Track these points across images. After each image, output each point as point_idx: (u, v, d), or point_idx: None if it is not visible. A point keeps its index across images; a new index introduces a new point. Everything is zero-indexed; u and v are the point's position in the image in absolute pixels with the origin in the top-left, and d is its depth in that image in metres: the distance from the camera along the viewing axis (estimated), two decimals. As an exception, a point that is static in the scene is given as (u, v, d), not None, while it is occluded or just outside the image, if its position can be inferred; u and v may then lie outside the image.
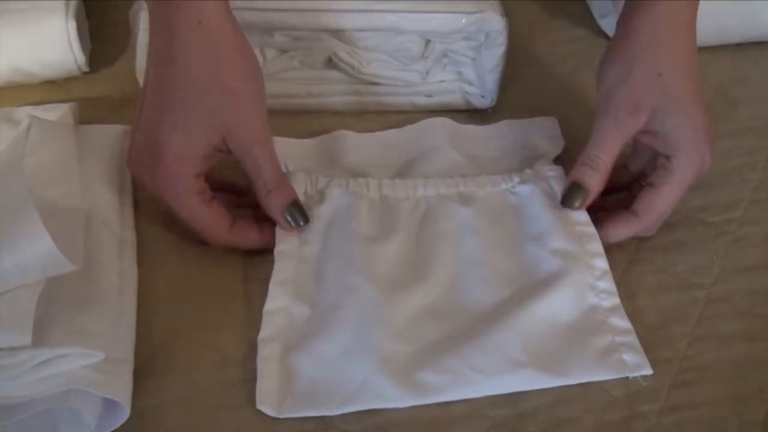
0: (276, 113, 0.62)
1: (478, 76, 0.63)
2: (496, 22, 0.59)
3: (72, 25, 0.60)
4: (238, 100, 0.50)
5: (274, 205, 0.52)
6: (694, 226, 0.57)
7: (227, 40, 0.50)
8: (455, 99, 0.64)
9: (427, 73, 0.63)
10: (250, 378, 0.47)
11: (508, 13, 0.62)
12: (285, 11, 0.59)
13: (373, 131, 0.61)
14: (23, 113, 0.57)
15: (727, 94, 0.67)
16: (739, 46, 0.70)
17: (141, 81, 0.61)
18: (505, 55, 0.61)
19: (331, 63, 0.63)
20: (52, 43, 0.61)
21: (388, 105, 0.64)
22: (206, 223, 0.51)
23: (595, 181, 0.53)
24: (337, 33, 0.61)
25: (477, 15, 0.59)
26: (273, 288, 0.49)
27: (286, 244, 0.51)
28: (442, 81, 0.64)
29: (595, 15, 0.72)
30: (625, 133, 0.53)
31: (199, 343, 0.49)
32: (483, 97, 0.64)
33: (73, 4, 0.62)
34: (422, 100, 0.64)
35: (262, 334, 0.47)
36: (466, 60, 0.63)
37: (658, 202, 0.53)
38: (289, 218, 0.52)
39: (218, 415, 0.46)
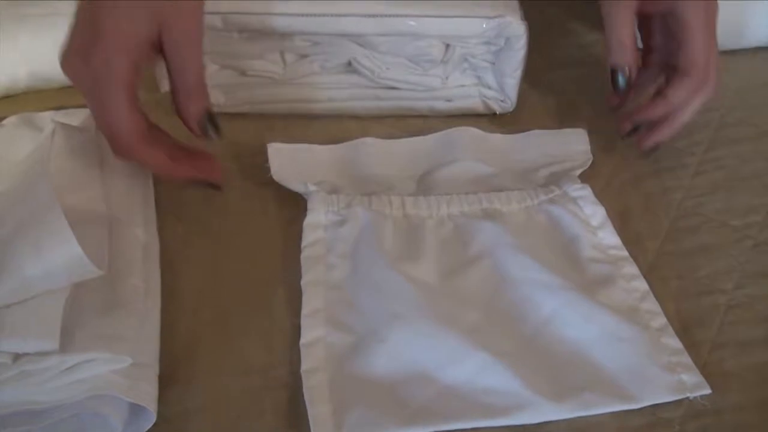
0: (296, 117, 0.64)
1: (497, 80, 0.63)
2: (516, 27, 0.59)
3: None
4: None
5: (193, 112, 0.52)
6: (716, 229, 0.57)
7: None
8: (475, 103, 0.64)
9: (447, 77, 0.63)
10: (273, 386, 0.47)
11: (525, 17, 0.62)
12: (305, 16, 0.59)
13: (393, 136, 0.61)
14: (45, 118, 0.57)
15: (747, 98, 0.67)
16: (758, 50, 0.70)
17: (161, 86, 0.61)
18: (524, 60, 0.61)
19: (350, 67, 0.63)
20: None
21: (408, 109, 0.64)
22: (121, 122, 0.49)
23: (626, 56, 0.58)
24: (357, 38, 0.61)
25: (497, 19, 0.59)
26: (305, 320, 0.48)
27: (312, 273, 0.51)
28: (462, 85, 0.64)
29: (614, 18, 0.71)
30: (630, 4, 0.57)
31: (222, 350, 0.49)
32: (503, 101, 0.64)
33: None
34: (442, 105, 0.64)
35: (304, 366, 0.46)
36: (486, 64, 0.63)
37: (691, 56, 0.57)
38: (202, 127, 0.52)
39: (242, 423, 0.46)
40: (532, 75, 0.64)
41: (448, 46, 0.62)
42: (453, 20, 0.59)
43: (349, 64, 0.62)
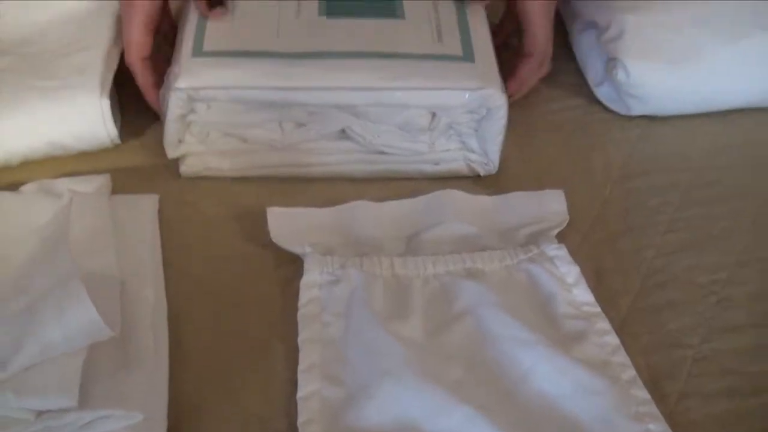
0: (295, 180, 0.68)
1: (480, 145, 0.68)
2: (497, 98, 0.64)
3: (105, 103, 0.65)
4: None
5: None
6: (684, 286, 0.61)
7: None
8: (460, 166, 0.69)
9: (434, 143, 0.68)
10: (274, 436, 0.51)
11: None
12: (302, 90, 0.64)
13: (384, 197, 0.66)
14: (63, 185, 0.62)
15: (716, 159, 0.71)
16: (726, 114, 0.75)
17: (169, 153, 0.66)
18: (505, 127, 0.66)
19: (345, 134, 0.67)
20: (86, 119, 0.66)
21: (398, 172, 0.69)
22: (131, 41, 0.67)
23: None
24: (350, 108, 0.65)
25: (479, 91, 0.64)
26: (302, 375, 0.53)
27: (309, 330, 0.55)
28: (448, 150, 0.69)
29: (590, 84, 0.76)
30: None
31: (225, 402, 0.53)
32: (486, 164, 0.69)
33: (106, 83, 0.67)
34: (429, 168, 0.69)
35: (301, 418, 0.51)
36: (470, 131, 0.67)
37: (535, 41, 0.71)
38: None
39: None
40: (513, 138, 0.69)
41: (434, 114, 0.66)
42: (438, 92, 0.64)
43: (343, 131, 0.67)
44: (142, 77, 0.69)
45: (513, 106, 0.66)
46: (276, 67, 0.64)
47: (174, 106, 0.63)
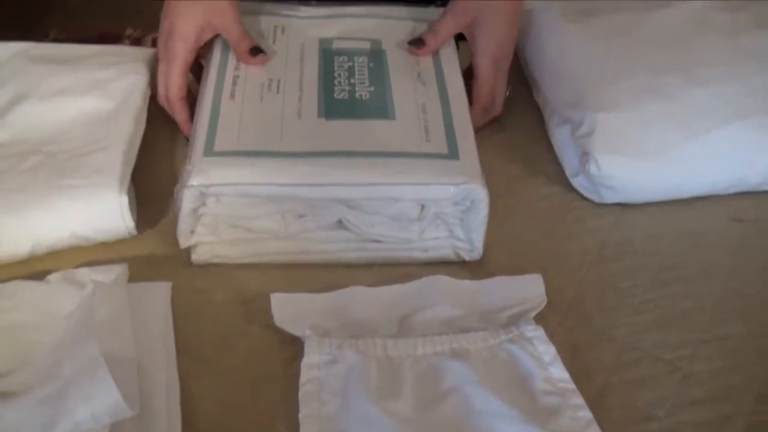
0: (296, 267, 0.74)
1: (466, 233, 0.74)
2: (479, 192, 0.71)
3: (124, 200, 0.72)
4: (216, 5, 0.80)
5: (243, 50, 0.81)
6: (652, 362, 0.67)
7: None
8: (447, 253, 0.75)
9: (423, 232, 0.74)
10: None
11: (491, 173, 0.73)
12: (302, 186, 0.70)
13: (378, 282, 0.72)
14: (84, 275, 0.68)
15: (681, 244, 0.78)
16: (692, 201, 0.81)
17: (181, 243, 0.73)
18: (487, 218, 0.72)
19: (341, 224, 0.74)
20: (107, 215, 0.72)
21: (391, 259, 0.75)
22: (171, 84, 0.81)
23: (431, 40, 0.83)
24: (346, 201, 0.72)
25: (463, 186, 0.70)
26: None
27: (309, 407, 0.60)
28: (436, 238, 0.75)
29: (567, 174, 0.83)
30: (455, 24, 0.84)
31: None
32: (471, 250, 0.75)
33: (125, 181, 0.73)
34: (420, 255, 0.75)
35: None
36: (456, 221, 0.74)
37: (478, 87, 0.85)
38: (251, 54, 0.80)
39: None
40: (495, 225, 0.74)
41: (423, 206, 0.73)
42: (426, 187, 0.71)
43: (340, 222, 0.73)
44: (180, 114, 0.83)
45: (496, 195, 0.73)
46: (279, 165, 0.70)
47: (187, 201, 0.70)
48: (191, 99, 0.83)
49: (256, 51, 0.81)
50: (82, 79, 0.83)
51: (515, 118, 0.90)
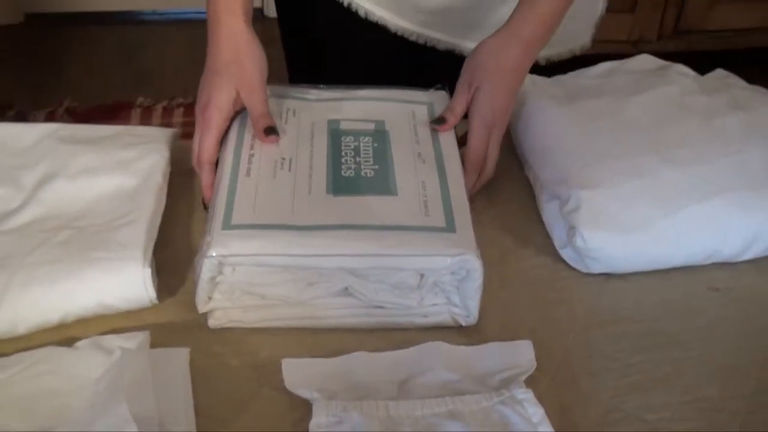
0: (305, 331, 0.80)
1: (462, 300, 0.80)
2: (474, 263, 0.77)
3: (147, 272, 0.78)
4: (248, 75, 0.89)
5: (261, 127, 0.88)
6: (635, 423, 0.72)
7: (246, 42, 0.89)
8: (445, 319, 0.81)
9: (423, 299, 0.80)
10: None
11: (486, 244, 0.80)
12: (313, 257, 0.77)
13: (381, 346, 0.77)
14: (111, 341, 0.73)
15: (662, 311, 0.83)
16: (671, 271, 0.87)
17: (200, 309, 0.79)
18: (482, 286, 0.79)
19: (347, 292, 0.80)
20: (131, 286, 0.78)
21: (393, 324, 0.81)
22: (204, 149, 0.88)
23: (450, 117, 0.92)
24: (352, 270, 0.78)
25: (459, 257, 0.77)
26: None
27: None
28: (435, 305, 0.81)
29: (556, 246, 0.89)
30: (468, 98, 0.92)
31: None
32: (467, 316, 0.81)
33: (148, 254, 0.80)
34: (419, 320, 0.81)
35: None
36: (453, 289, 0.80)
37: (470, 151, 0.91)
38: (266, 133, 0.87)
39: None
40: (490, 293, 0.80)
41: (422, 275, 0.79)
42: (425, 258, 0.77)
43: (347, 289, 0.80)
44: (206, 177, 0.89)
45: (491, 265, 0.79)
46: (291, 238, 0.77)
47: (206, 270, 0.76)
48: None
49: (269, 131, 0.88)
50: (107, 159, 0.90)
51: (509, 193, 0.97)
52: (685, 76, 1.02)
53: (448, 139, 0.91)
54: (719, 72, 1.06)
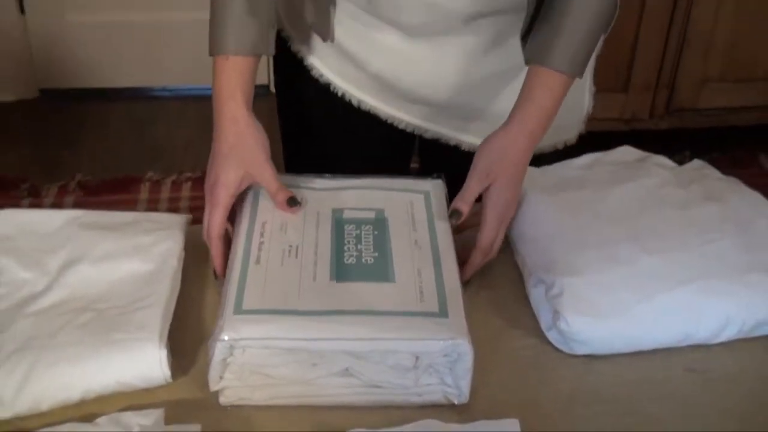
0: (309, 408, 0.86)
1: (454, 381, 0.86)
2: (464, 347, 0.83)
3: (163, 353, 0.85)
4: (254, 154, 0.98)
5: (281, 200, 0.97)
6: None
7: (246, 125, 0.98)
8: (439, 398, 0.87)
9: (418, 379, 0.86)
10: None
11: (477, 326, 0.86)
12: (316, 340, 0.83)
13: (379, 422, 0.83)
14: (129, 418, 0.79)
15: (641, 391, 0.89)
16: (650, 353, 0.93)
17: (211, 387, 0.85)
18: (472, 368, 0.85)
19: (348, 372, 0.86)
20: (148, 365, 0.84)
21: (391, 402, 0.87)
22: (212, 224, 0.95)
23: (464, 207, 0.97)
24: (353, 353, 0.85)
25: (451, 341, 0.83)
26: None
27: None
28: (429, 384, 0.87)
29: (543, 328, 0.95)
30: (480, 189, 0.98)
31: None
32: (459, 396, 0.86)
33: (164, 336, 0.86)
34: (415, 399, 0.87)
35: None
36: (446, 370, 0.86)
37: (483, 241, 0.97)
38: (289, 204, 0.96)
39: None
40: (480, 373, 0.86)
41: (417, 357, 0.85)
42: (420, 342, 0.84)
43: (347, 370, 0.86)
44: (215, 249, 0.96)
45: (481, 345, 0.85)
46: (296, 323, 0.83)
47: (219, 352, 0.82)
48: (227, 237, 0.98)
49: (293, 201, 0.97)
50: (126, 244, 0.98)
51: (500, 276, 1.04)
52: (663, 167, 1.09)
53: (443, 226, 0.99)
54: (696, 163, 1.13)
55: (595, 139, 1.18)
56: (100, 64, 2.94)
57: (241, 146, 0.98)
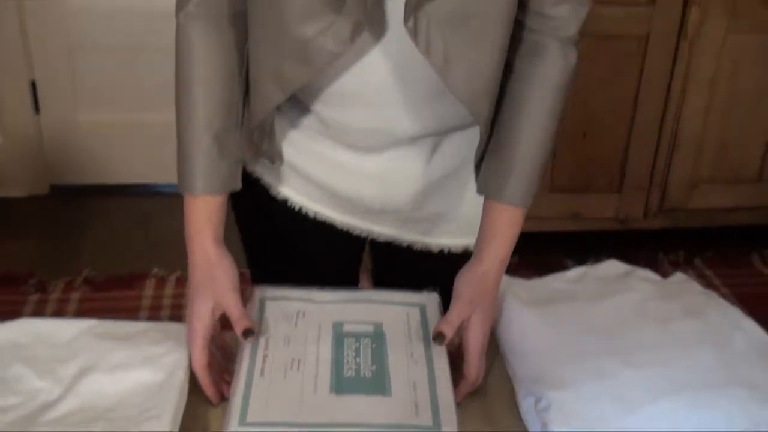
0: None
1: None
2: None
3: None
4: (221, 285, 1.02)
5: (238, 330, 1.00)
6: None
7: (216, 258, 1.04)
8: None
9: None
10: None
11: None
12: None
13: None
14: None
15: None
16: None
17: None
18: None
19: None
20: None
21: None
22: (194, 355, 1.00)
23: (449, 331, 1.01)
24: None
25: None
26: None
27: None
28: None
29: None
30: (463, 314, 1.02)
31: None
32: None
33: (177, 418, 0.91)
34: None
35: None
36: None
37: (470, 371, 1.02)
38: (244, 335, 1.00)
39: None
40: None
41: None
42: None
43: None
44: (202, 380, 1.00)
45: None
46: (297, 435, 0.89)
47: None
48: (218, 365, 1.03)
49: (248, 333, 1.01)
50: (136, 354, 1.03)
51: (493, 387, 1.08)
52: (647, 281, 1.16)
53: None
54: (678, 276, 1.19)
55: (591, 238, 1.24)
56: (109, 161, 3.04)
57: (210, 279, 1.03)
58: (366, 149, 1.10)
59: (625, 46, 2.47)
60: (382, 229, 1.20)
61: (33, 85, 2.92)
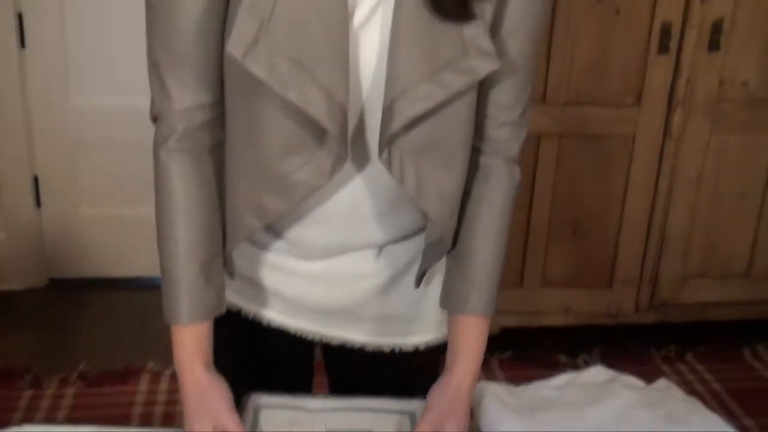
0: None
1: None
2: None
3: None
4: (218, 409, 1.02)
5: None
6: None
7: (208, 383, 1.03)
8: None
9: None
10: None
11: None
12: None
13: None
14: None
15: None
16: None
17: None
18: None
19: None
20: None
21: None
22: None
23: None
24: None
25: None
26: None
27: None
28: None
29: None
30: (434, 424, 1.03)
31: None
32: None
33: None
34: None
35: None
36: None
37: None
38: None
39: None
40: None
41: None
42: None
43: None
44: None
45: None
46: None
47: None
48: None
49: None
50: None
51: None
52: (632, 388, 1.18)
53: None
54: (662, 383, 1.22)
55: (583, 332, 1.26)
56: (107, 255, 3.08)
57: (206, 403, 1.03)
58: (315, 257, 1.12)
59: (613, 145, 2.55)
60: (333, 332, 1.19)
61: (35, 180, 2.98)
